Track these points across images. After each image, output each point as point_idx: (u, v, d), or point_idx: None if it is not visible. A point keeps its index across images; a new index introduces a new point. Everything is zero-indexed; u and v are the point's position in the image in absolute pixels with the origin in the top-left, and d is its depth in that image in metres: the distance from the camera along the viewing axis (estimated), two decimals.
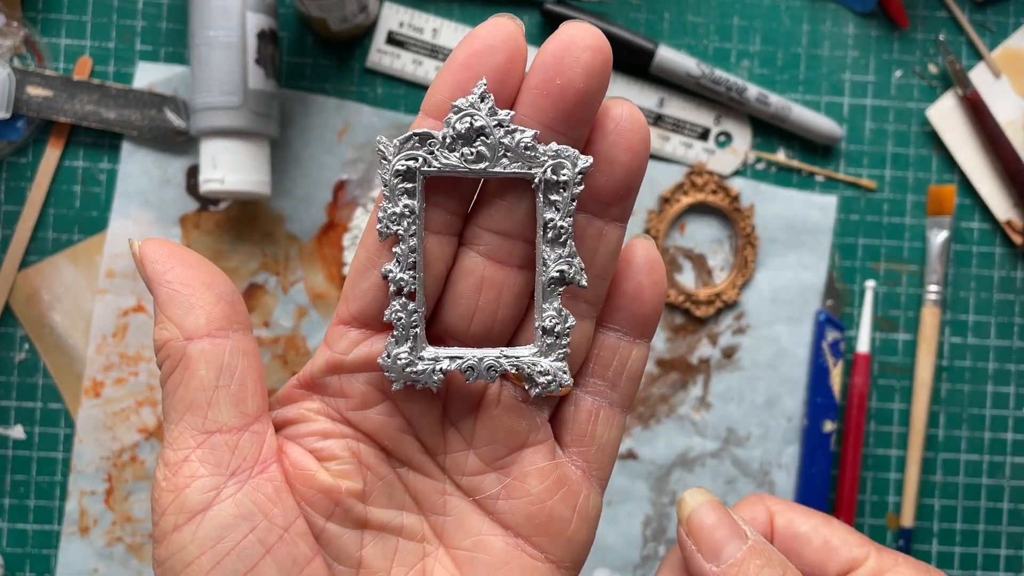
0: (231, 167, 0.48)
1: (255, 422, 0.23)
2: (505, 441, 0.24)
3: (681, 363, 0.54)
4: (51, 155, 0.52)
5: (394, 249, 0.23)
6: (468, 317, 0.24)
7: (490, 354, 0.23)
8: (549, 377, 0.23)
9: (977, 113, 0.53)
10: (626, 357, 0.25)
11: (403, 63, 0.53)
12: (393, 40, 0.53)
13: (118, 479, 0.52)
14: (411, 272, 0.22)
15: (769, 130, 0.54)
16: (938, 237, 0.54)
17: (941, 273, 0.54)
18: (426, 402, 0.24)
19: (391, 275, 0.22)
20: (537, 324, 0.23)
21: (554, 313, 0.23)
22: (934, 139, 0.54)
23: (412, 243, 0.22)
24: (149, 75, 0.52)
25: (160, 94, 0.51)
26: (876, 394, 0.54)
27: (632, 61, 0.52)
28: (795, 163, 0.54)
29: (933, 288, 0.54)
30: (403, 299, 0.23)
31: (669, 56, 0.52)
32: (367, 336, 0.24)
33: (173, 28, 0.53)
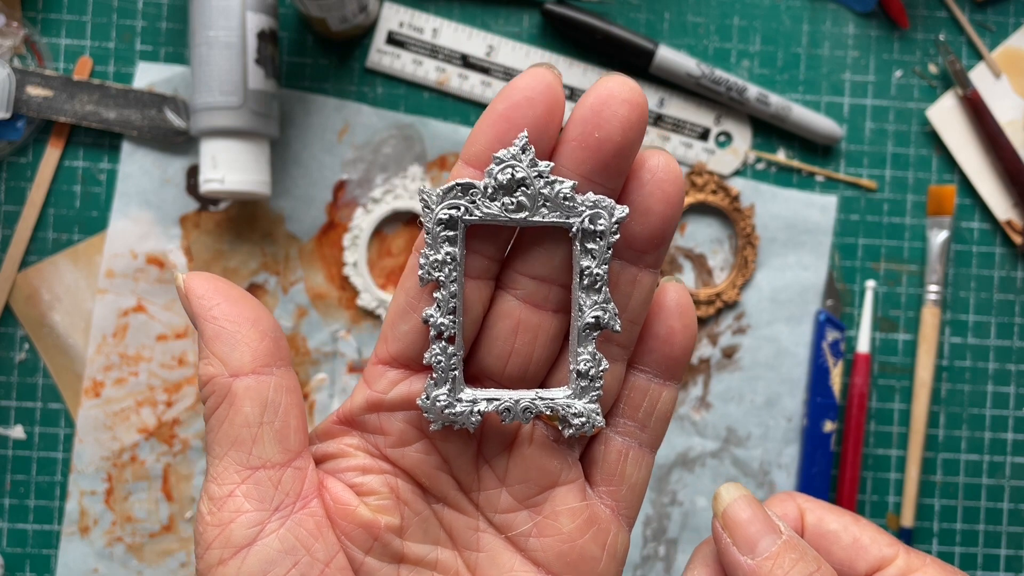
0: (231, 167, 0.48)
1: (297, 458, 0.24)
2: (537, 480, 0.25)
3: None
4: (51, 155, 0.52)
5: (435, 294, 0.23)
6: (504, 358, 0.24)
7: (526, 396, 0.24)
8: (583, 419, 0.24)
9: (977, 113, 0.53)
10: (656, 399, 0.25)
11: (403, 63, 0.53)
12: (393, 40, 0.53)
13: (118, 479, 0.52)
14: (451, 317, 0.23)
15: (769, 130, 0.54)
16: (938, 237, 0.54)
17: (941, 273, 0.54)
18: (462, 441, 0.25)
19: (432, 319, 0.23)
20: (572, 367, 0.24)
21: (588, 357, 0.24)
22: (934, 139, 0.54)
23: (453, 289, 0.23)
24: (149, 75, 0.52)
25: (160, 94, 0.51)
26: (876, 394, 0.54)
27: (632, 61, 0.52)
28: (795, 163, 0.54)
29: (933, 288, 0.54)
30: (443, 343, 0.23)
31: (669, 56, 0.52)
32: (405, 376, 0.24)
33: (173, 28, 0.53)
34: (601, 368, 0.24)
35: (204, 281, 0.24)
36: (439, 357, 0.23)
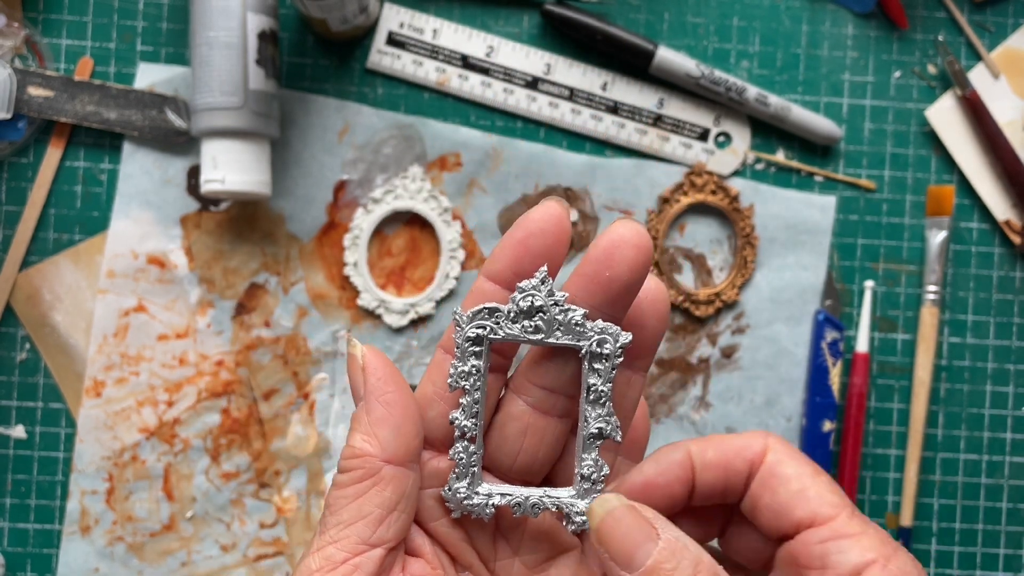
0: (232, 167, 0.48)
1: (402, 542, 0.26)
2: (544, 550, 0.28)
3: (680, 363, 0.54)
4: (52, 155, 0.52)
5: (460, 400, 0.27)
6: (513, 456, 0.27)
7: (535, 493, 0.27)
8: (584, 517, 0.27)
9: (976, 113, 0.54)
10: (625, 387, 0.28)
11: (403, 64, 0.53)
12: (393, 41, 0.53)
13: (119, 479, 0.52)
14: (473, 420, 0.27)
15: (768, 130, 0.54)
16: (937, 237, 0.54)
17: (940, 273, 0.54)
18: (480, 519, 0.28)
19: (457, 422, 0.27)
20: (577, 471, 0.27)
21: (592, 463, 0.27)
22: (933, 139, 0.55)
23: (476, 396, 0.27)
24: (150, 75, 0.52)
25: (161, 94, 0.51)
26: (875, 394, 0.55)
27: (632, 62, 0.53)
28: (794, 163, 0.54)
29: (932, 288, 0.54)
30: (465, 442, 0.27)
31: (669, 57, 0.52)
32: (433, 456, 0.27)
33: (174, 29, 0.53)
34: (602, 473, 0.27)
35: (381, 361, 0.26)
36: (461, 455, 0.27)
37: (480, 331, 0.27)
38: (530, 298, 0.26)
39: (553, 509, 0.27)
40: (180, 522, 0.52)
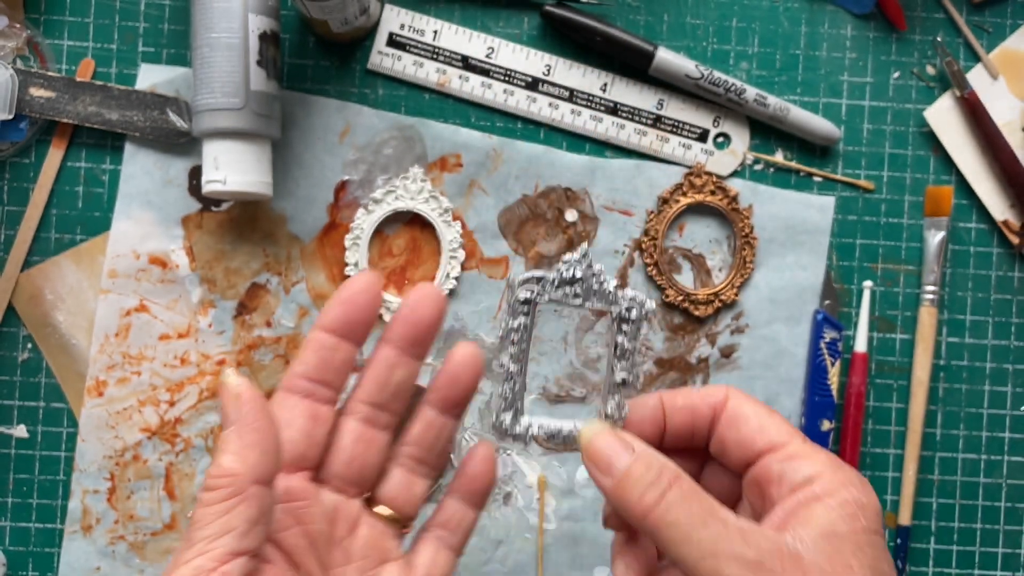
0: (233, 168, 0.48)
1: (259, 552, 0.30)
2: (374, 558, 0.33)
3: (680, 362, 0.54)
4: (54, 156, 0.52)
5: (509, 349, 0.33)
6: (348, 463, 0.33)
7: (568, 425, 0.33)
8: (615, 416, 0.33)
9: (975, 114, 0.54)
10: (463, 519, 0.35)
11: (404, 65, 0.53)
12: (394, 42, 0.53)
13: (120, 478, 0.52)
14: (519, 365, 0.33)
15: (767, 131, 0.54)
16: (935, 237, 0.54)
17: (938, 273, 0.54)
18: (321, 525, 0.32)
19: (505, 366, 0.33)
20: (601, 411, 0.33)
21: (615, 404, 0.33)
22: (932, 140, 0.55)
23: (522, 347, 0.33)
24: (151, 76, 0.52)
25: (162, 95, 0.52)
26: (874, 393, 0.55)
27: (632, 63, 0.53)
28: (793, 164, 0.54)
29: (930, 288, 0.54)
30: (512, 382, 0.33)
31: (668, 58, 0.52)
32: (282, 475, 0.32)
33: (175, 30, 0.53)
34: (623, 412, 0.32)
35: (255, 394, 0.30)
36: (508, 393, 0.32)
37: (529, 295, 0.32)
38: (572, 269, 0.32)
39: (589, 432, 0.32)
40: (182, 521, 0.53)
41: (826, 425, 0.53)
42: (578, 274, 0.33)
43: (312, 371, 0.32)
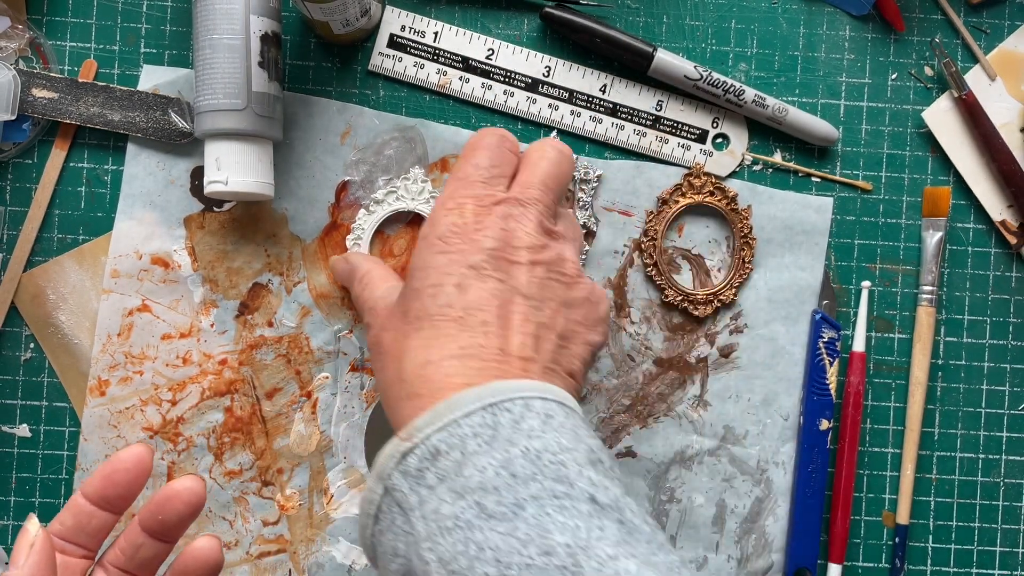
0: (235, 169, 0.48)
1: None
2: None
3: (679, 362, 0.54)
4: (56, 156, 0.53)
5: None
6: None
7: None
8: None
9: (972, 115, 0.54)
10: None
11: (405, 66, 0.53)
12: (395, 44, 0.53)
13: None
14: None
15: (766, 132, 0.55)
16: (933, 237, 0.54)
17: (936, 273, 0.54)
18: None
19: None
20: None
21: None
22: (930, 141, 0.55)
23: None
24: (153, 77, 0.53)
25: (164, 96, 0.52)
26: (872, 393, 0.55)
27: (631, 64, 0.53)
28: (792, 165, 0.55)
29: (928, 288, 0.54)
30: None
31: (667, 59, 0.52)
32: None
33: (177, 31, 0.53)
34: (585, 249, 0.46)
35: (49, 545, 0.34)
36: None
37: None
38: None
39: None
40: None
41: (824, 424, 0.53)
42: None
43: (67, 532, 0.35)
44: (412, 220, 0.54)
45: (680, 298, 0.54)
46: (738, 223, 0.54)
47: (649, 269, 0.54)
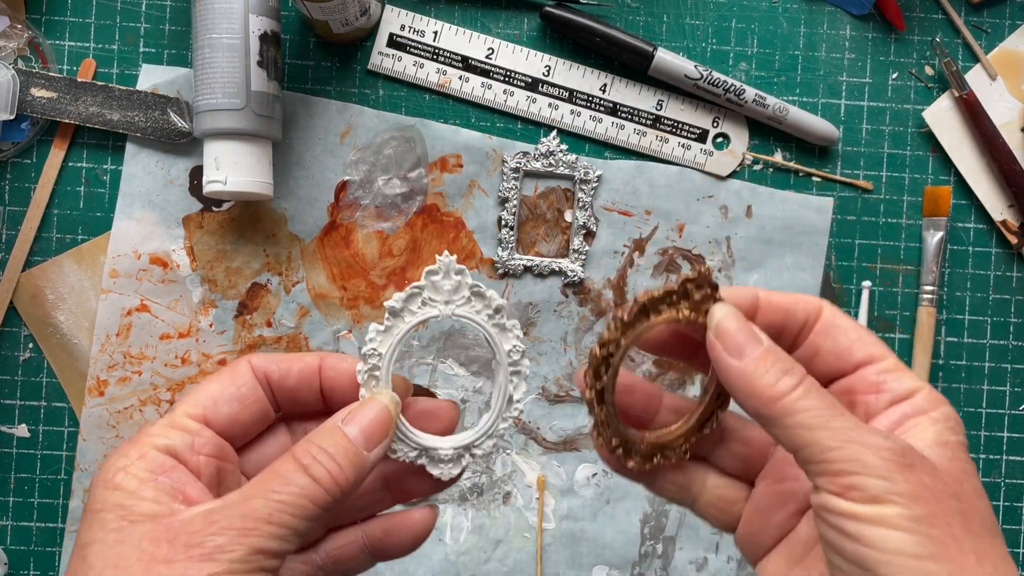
0: (234, 168, 0.48)
1: None
2: None
3: (679, 362, 0.54)
4: (55, 156, 0.53)
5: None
6: None
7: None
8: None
9: (973, 114, 0.54)
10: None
11: (404, 65, 0.53)
12: (394, 43, 0.53)
13: None
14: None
15: (766, 132, 0.55)
16: (934, 237, 0.54)
17: (937, 273, 0.54)
18: None
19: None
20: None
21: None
22: (930, 140, 0.55)
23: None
24: (152, 77, 0.52)
25: (163, 96, 0.52)
26: None
27: (631, 64, 0.53)
28: (792, 164, 0.55)
29: (929, 288, 0.54)
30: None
31: (668, 59, 0.52)
32: None
33: (176, 30, 0.53)
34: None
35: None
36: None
37: (518, 164, 0.49)
38: (547, 146, 0.51)
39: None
40: None
41: None
42: (552, 148, 0.52)
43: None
44: (413, 220, 0.53)
45: (617, 442, 0.32)
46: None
47: (596, 408, 0.31)
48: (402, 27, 0.53)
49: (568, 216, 0.54)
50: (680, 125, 0.54)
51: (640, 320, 0.31)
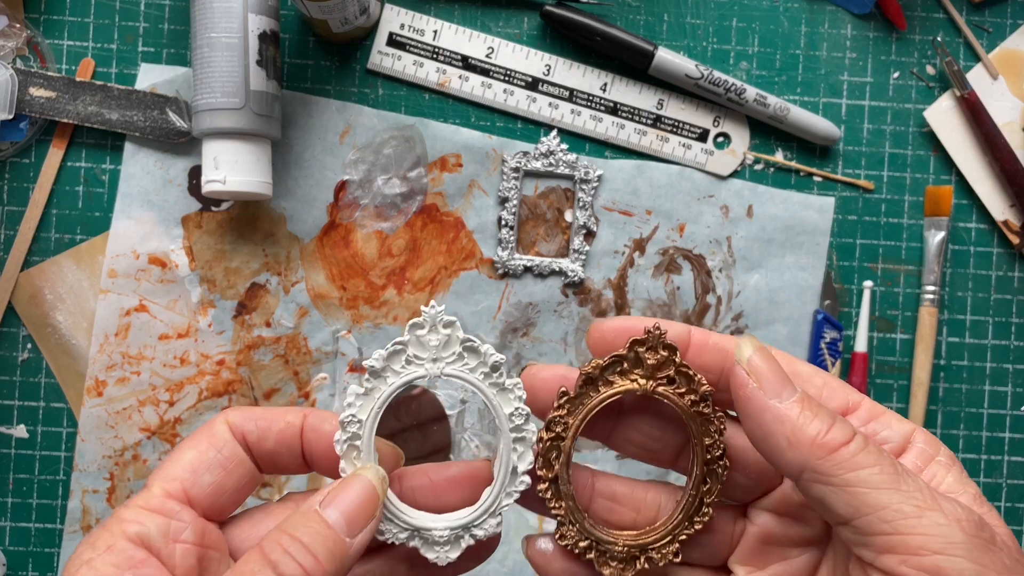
0: (233, 168, 0.48)
1: None
2: None
3: None
4: (54, 156, 0.52)
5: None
6: None
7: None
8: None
9: (974, 114, 0.54)
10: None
11: (404, 65, 0.53)
12: (394, 42, 0.53)
13: (120, 478, 0.52)
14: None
15: (767, 131, 0.54)
16: (935, 237, 0.54)
17: (938, 273, 0.54)
18: None
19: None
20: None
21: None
22: (932, 140, 0.55)
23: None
24: (151, 76, 0.52)
25: (162, 95, 0.52)
26: (874, 393, 0.55)
27: (632, 63, 0.53)
28: (793, 164, 0.54)
29: (930, 288, 0.54)
30: None
31: (668, 58, 0.52)
32: None
33: (175, 29, 0.53)
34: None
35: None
36: None
37: (518, 164, 0.48)
38: (547, 145, 0.49)
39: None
40: None
41: None
42: (552, 148, 0.51)
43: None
44: (412, 220, 0.53)
45: (586, 544, 0.30)
46: (706, 437, 0.29)
47: (545, 494, 0.30)
48: (402, 26, 0.53)
49: (568, 216, 0.54)
50: (681, 124, 0.54)
51: (588, 394, 0.28)
